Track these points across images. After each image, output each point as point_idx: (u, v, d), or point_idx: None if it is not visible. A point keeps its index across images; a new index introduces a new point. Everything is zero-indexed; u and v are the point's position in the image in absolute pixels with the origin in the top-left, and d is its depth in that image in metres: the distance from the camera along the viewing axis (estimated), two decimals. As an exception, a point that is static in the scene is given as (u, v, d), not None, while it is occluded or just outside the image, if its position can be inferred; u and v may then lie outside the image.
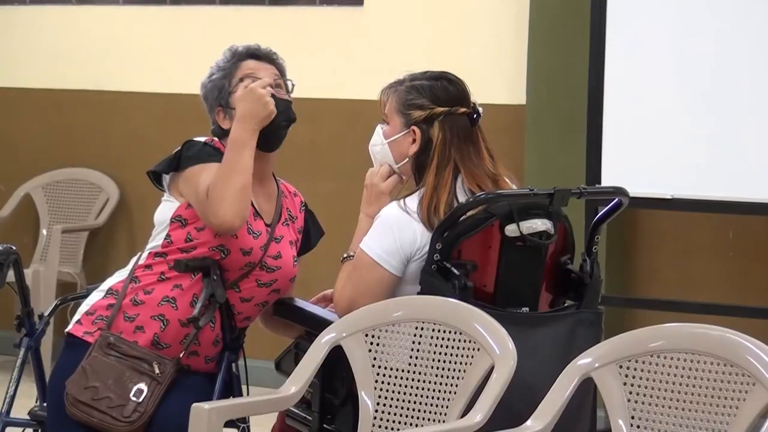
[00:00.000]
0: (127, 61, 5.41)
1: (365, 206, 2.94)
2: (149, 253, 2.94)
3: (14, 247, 3.09)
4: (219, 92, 2.97)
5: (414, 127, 2.87)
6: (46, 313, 3.17)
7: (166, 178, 2.95)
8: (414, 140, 2.87)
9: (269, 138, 2.93)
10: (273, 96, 2.90)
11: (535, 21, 4.64)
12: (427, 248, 2.79)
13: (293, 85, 3.01)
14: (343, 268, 2.90)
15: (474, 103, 2.91)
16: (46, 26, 5.53)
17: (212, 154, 2.90)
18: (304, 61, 5.22)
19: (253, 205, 2.92)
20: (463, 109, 2.88)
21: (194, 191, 2.86)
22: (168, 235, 2.91)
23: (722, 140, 4.23)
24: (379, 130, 2.94)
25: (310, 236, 3.08)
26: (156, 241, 2.93)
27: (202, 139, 2.96)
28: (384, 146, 2.91)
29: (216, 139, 2.98)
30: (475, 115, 2.90)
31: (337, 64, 5.07)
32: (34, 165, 5.52)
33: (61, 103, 5.49)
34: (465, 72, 4.32)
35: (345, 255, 2.92)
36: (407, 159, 2.89)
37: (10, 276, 3.09)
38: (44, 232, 5.46)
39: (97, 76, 5.44)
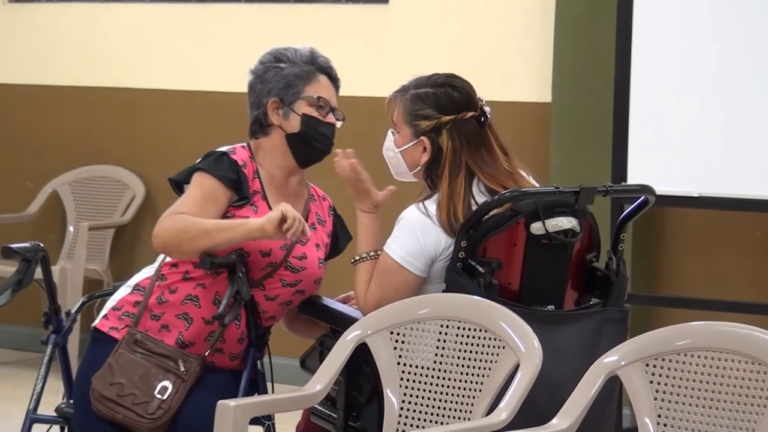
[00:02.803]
0: (153, 58, 5.43)
1: (357, 202, 2.92)
2: None
3: (42, 244, 3.11)
4: (286, 86, 2.94)
5: (423, 138, 2.87)
6: (73, 311, 3.18)
7: (186, 188, 2.95)
8: (425, 149, 2.87)
9: (305, 159, 2.97)
10: (317, 120, 2.92)
11: (561, 18, 4.62)
12: (451, 249, 2.79)
13: (344, 120, 3.01)
14: (359, 271, 2.88)
15: (481, 104, 2.89)
16: (71, 23, 5.55)
17: (223, 168, 2.89)
18: (330, 58, 5.21)
19: (271, 208, 2.91)
20: (470, 114, 2.87)
21: (183, 196, 2.88)
22: None
23: (750, 138, 4.20)
24: (390, 135, 2.94)
25: (338, 240, 3.08)
26: None
27: (224, 148, 2.95)
28: (396, 154, 2.92)
29: (239, 148, 2.96)
30: (482, 117, 2.88)
31: (363, 61, 5.07)
32: (60, 162, 5.54)
33: (87, 101, 5.52)
34: (490, 70, 4.31)
35: (356, 258, 2.90)
36: (419, 167, 2.89)
37: (38, 273, 3.10)
38: (71, 229, 5.49)
39: (123, 73, 5.46)
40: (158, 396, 2.82)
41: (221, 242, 2.82)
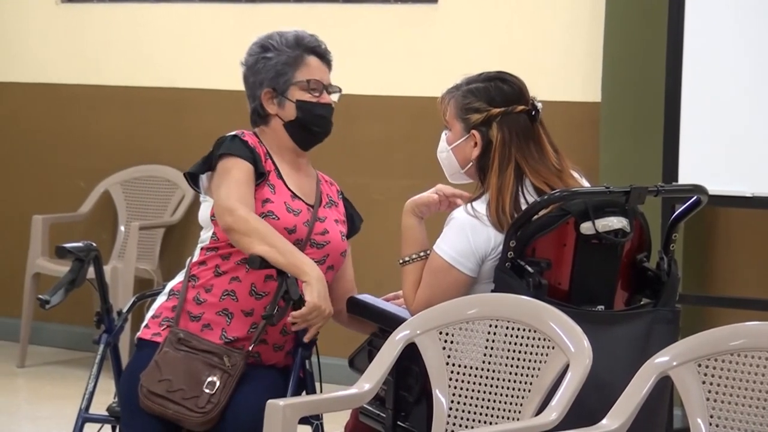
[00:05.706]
0: (202, 58, 5.46)
1: (419, 205, 2.93)
2: (200, 249, 2.98)
3: (94, 244, 3.13)
4: (276, 75, 2.98)
5: (474, 131, 2.87)
6: (124, 310, 3.20)
7: (203, 179, 2.98)
8: (475, 144, 2.87)
9: (306, 143, 3.00)
10: (312, 104, 2.94)
11: (611, 17, 4.59)
12: (500, 248, 2.78)
13: (340, 92, 3.03)
14: (406, 273, 2.89)
15: (533, 100, 2.90)
16: (121, 23, 5.60)
17: (240, 148, 2.92)
18: (378, 58, 5.22)
19: (289, 188, 2.96)
20: (520, 107, 2.87)
21: (222, 181, 2.88)
22: (214, 233, 2.95)
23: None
24: (443, 137, 2.96)
25: (353, 220, 3.12)
26: (205, 241, 2.98)
27: (233, 132, 2.98)
28: (449, 152, 2.92)
29: (247, 132, 2.98)
30: (533, 112, 2.88)
31: (411, 61, 5.07)
32: (112, 162, 5.59)
33: (138, 101, 5.56)
34: (539, 69, 4.28)
35: (405, 259, 2.91)
36: (471, 163, 2.89)
37: (90, 272, 3.12)
38: (122, 228, 5.53)
39: (173, 73, 5.50)
40: (207, 390, 2.84)
41: (271, 259, 2.83)
